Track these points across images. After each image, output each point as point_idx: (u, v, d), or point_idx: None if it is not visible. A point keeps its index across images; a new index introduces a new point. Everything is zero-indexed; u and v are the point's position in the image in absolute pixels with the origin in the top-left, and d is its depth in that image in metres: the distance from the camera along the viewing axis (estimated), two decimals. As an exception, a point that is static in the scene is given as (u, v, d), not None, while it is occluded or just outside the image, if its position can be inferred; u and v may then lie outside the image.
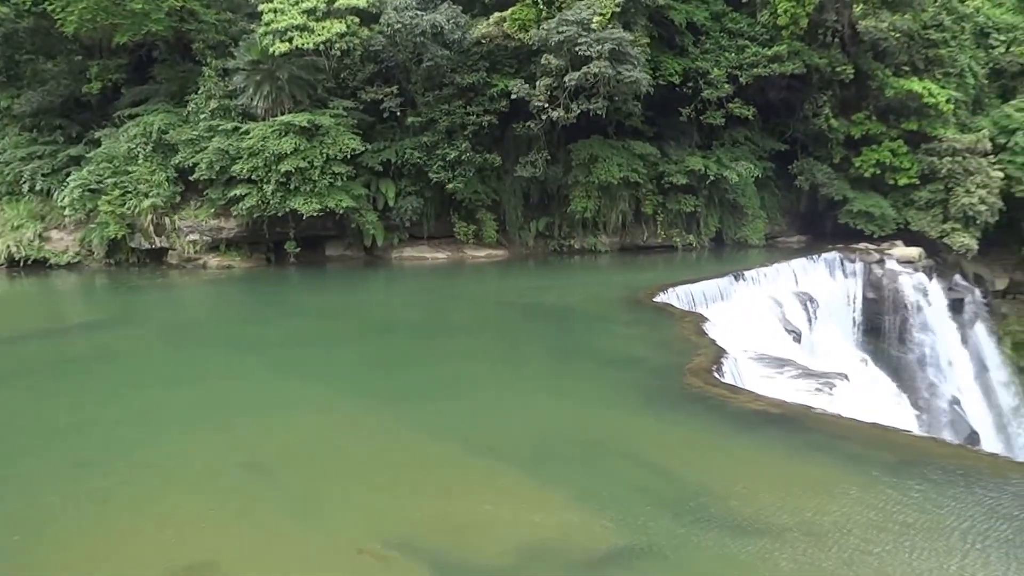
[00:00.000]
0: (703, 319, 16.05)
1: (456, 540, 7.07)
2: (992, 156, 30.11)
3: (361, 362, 15.00)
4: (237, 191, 27.40)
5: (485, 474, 8.74)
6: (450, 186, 28.65)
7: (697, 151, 30.88)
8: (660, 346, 14.50)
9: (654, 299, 18.42)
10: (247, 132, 27.55)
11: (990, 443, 26.32)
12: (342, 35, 27.65)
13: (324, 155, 27.19)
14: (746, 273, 22.06)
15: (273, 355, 15.33)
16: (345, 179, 27.68)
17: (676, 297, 18.80)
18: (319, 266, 29.35)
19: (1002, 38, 33.35)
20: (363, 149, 28.25)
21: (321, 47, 27.47)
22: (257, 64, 27.95)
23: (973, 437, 24.48)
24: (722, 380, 11.49)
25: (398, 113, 29.07)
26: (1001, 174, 29.83)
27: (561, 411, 11.38)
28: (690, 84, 30.04)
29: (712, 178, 29.71)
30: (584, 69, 26.31)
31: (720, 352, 12.91)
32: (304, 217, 27.30)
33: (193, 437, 10.16)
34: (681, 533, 7.06)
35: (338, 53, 28.16)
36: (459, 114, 28.74)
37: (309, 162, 26.95)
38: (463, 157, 28.47)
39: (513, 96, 28.04)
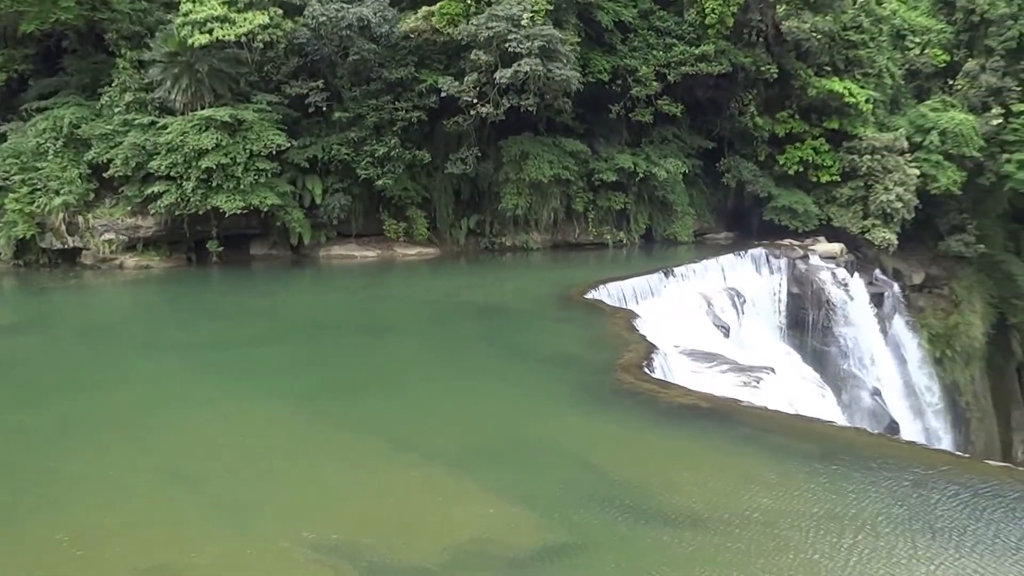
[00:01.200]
0: (634, 315, 16.13)
1: (385, 540, 6.92)
2: (909, 154, 31.13)
3: (287, 363, 14.66)
4: (155, 188, 26.39)
5: (415, 473, 8.60)
6: (379, 183, 28.17)
7: (627, 148, 31.10)
8: (592, 343, 14.57)
9: (585, 296, 18.47)
10: (165, 127, 26.55)
11: (909, 432, 27.26)
12: (265, 27, 26.89)
13: (247, 151, 26.40)
14: (675, 270, 22.30)
15: (195, 357, 14.86)
16: (270, 176, 26.93)
17: (607, 294, 18.87)
18: (243, 265, 28.53)
19: (917, 40, 34.53)
20: (288, 145, 27.53)
21: (243, 39, 26.65)
22: (175, 56, 26.95)
23: (893, 427, 25.27)
24: (653, 375, 11.56)
25: (324, 108, 28.44)
26: (917, 172, 30.86)
27: (493, 408, 11.35)
28: (619, 82, 30.23)
29: (641, 175, 29.95)
30: (515, 67, 26.19)
31: (651, 348, 12.98)
32: (227, 215, 26.46)
33: (110, 444, 9.75)
34: (613, 528, 7.07)
35: (261, 46, 27.39)
36: (387, 110, 28.27)
37: (232, 158, 26.13)
38: (392, 153, 28.02)
39: (442, 92, 27.73)
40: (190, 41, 26.07)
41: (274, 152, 26.96)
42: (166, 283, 25.87)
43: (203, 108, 26.90)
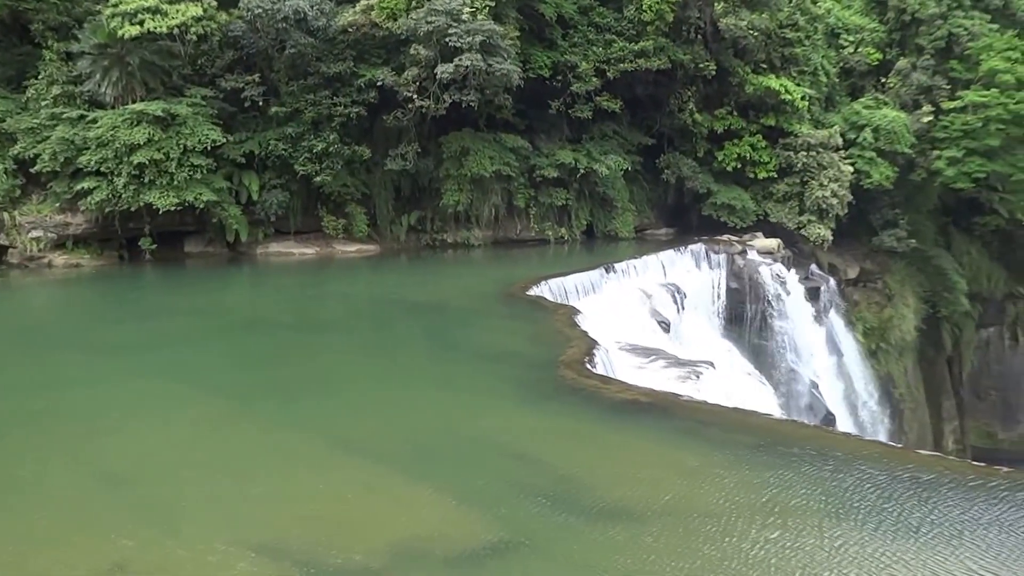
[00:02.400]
0: (575, 312, 16.15)
1: (325, 540, 6.83)
2: (843, 151, 31.83)
3: (224, 362, 14.38)
4: (85, 184, 25.49)
5: (357, 473, 8.50)
6: (317, 179, 27.70)
7: (568, 145, 31.16)
8: (534, 339, 14.58)
9: (527, 293, 18.43)
10: (95, 121, 25.66)
11: (845, 424, 27.90)
12: (198, 19, 26.13)
13: (181, 146, 25.67)
14: (616, 266, 22.40)
15: (128, 358, 14.41)
16: (205, 172, 26.22)
17: (549, 290, 18.86)
18: (178, 263, 27.78)
19: (851, 39, 35.33)
20: (224, 140, 26.86)
21: (175, 31, 25.88)
22: (104, 48, 26.07)
23: (829, 418, 25.85)
24: (594, 371, 11.57)
25: (261, 103, 27.84)
26: (851, 168, 31.58)
27: (436, 407, 11.26)
28: (559, 77, 30.27)
29: (582, 171, 30.04)
30: (456, 61, 26.00)
31: (592, 344, 13.00)
32: (160, 212, 25.69)
33: (40, 448, 9.39)
34: (557, 523, 7.12)
35: (194, 38, 26.63)
36: (326, 104, 27.81)
37: (165, 153, 25.39)
38: (331, 149, 27.57)
39: (381, 86, 27.39)
40: (120, 32, 25.25)
41: (209, 147, 26.27)
42: (97, 282, 25.07)
43: (135, 102, 26.08)
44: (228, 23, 27.34)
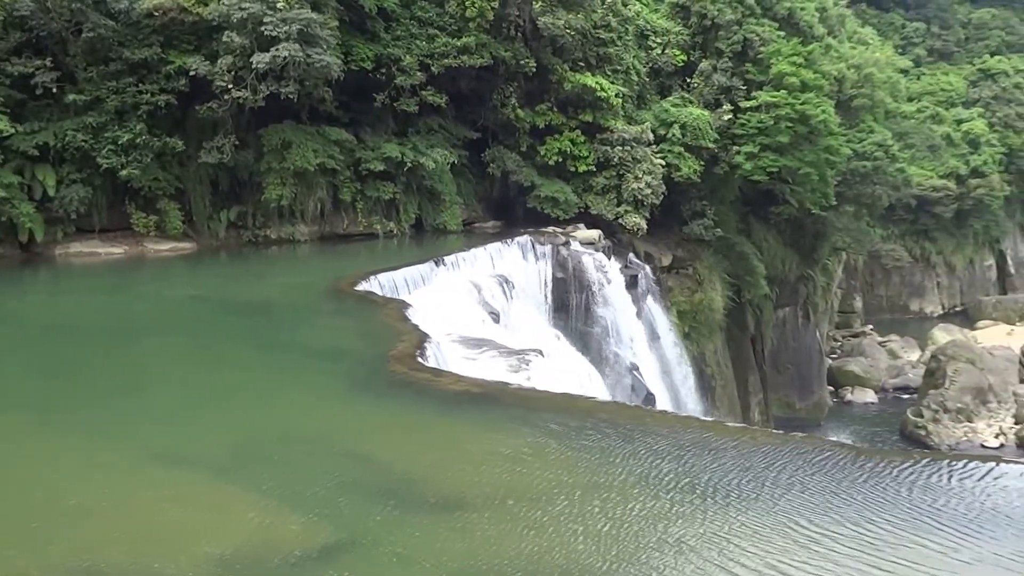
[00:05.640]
0: (406, 305, 16.11)
1: (143, 557, 6.38)
2: (655, 146, 33.64)
3: (21, 372, 13.11)
4: None
5: (177, 483, 8.02)
6: (124, 173, 25.79)
7: (394, 138, 30.88)
8: (364, 335, 14.43)
9: (356, 288, 18.14)
10: None
11: (664, 402, 29.59)
12: (-23, -4, 23.70)
13: (-39, 137, 23.19)
14: (446, 258, 22.53)
15: None
16: (-10, 165, 23.84)
17: (378, 285, 18.66)
18: (-40, 267, 25.06)
19: (659, 40, 37.32)
20: (12, 131, 24.44)
21: (-50, 9, 23.35)
22: None
23: (650, 398, 27.29)
24: (426, 364, 11.60)
25: (55, 90, 25.55)
26: (663, 162, 33.42)
27: (262, 409, 10.83)
28: (383, 70, 29.93)
29: (409, 165, 29.88)
30: (273, 51, 25.06)
31: (423, 337, 13.02)
32: (-63, 210, 23.11)
33: None
34: (390, 519, 7.07)
35: (-27, 17, 24.11)
36: (131, 92, 25.93)
37: (-60, 145, 22.86)
38: (138, 141, 25.74)
39: (193, 74, 25.95)
40: None
41: (-5, 139, 23.87)
42: None
43: (-99, 87, 23.27)
44: (14, 2, 24.87)
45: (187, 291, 21.85)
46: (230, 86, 25.80)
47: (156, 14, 26.24)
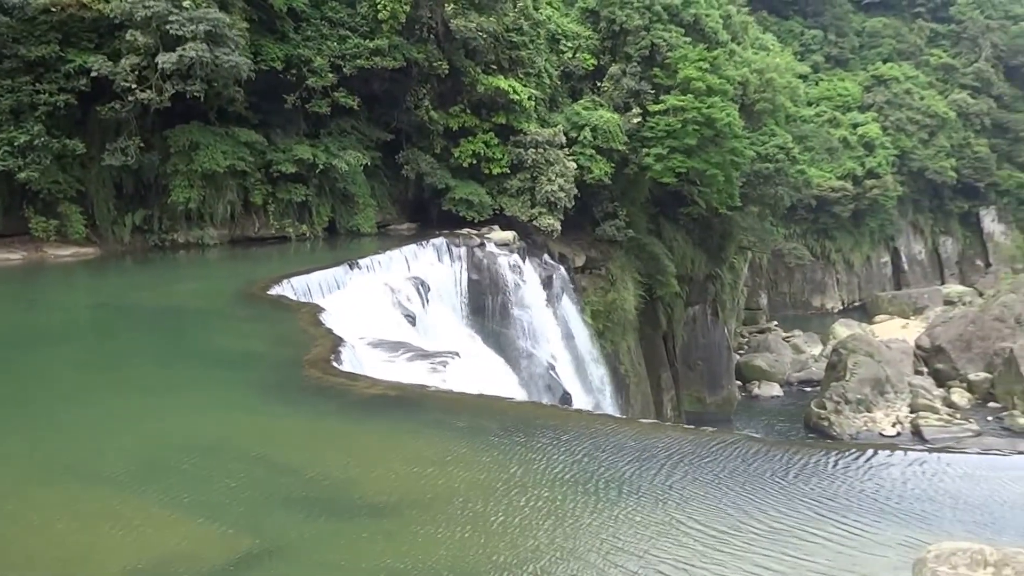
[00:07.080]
0: (320, 309, 15.96)
1: None
2: (567, 148, 34.18)
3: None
4: None
5: (79, 500, 7.74)
6: (21, 175, 24.65)
7: (305, 140, 30.47)
8: (277, 340, 14.21)
9: (268, 292, 17.87)
10: None
11: (580, 401, 30.13)
12: None
13: None
14: (360, 261, 22.39)
15: None
16: None
17: (291, 289, 18.43)
18: None
19: (570, 45, 37.91)
20: None
21: None
22: None
23: (566, 397, 27.77)
24: (341, 369, 11.55)
25: (-57, 88, 24.33)
26: (575, 164, 33.98)
27: (172, 420, 10.48)
28: (294, 71, 29.49)
29: (321, 167, 29.54)
30: (179, 51, 24.40)
31: (338, 341, 12.96)
32: None
33: None
34: (312, 526, 6.99)
35: None
36: (27, 92, 24.83)
37: None
38: (36, 142, 24.65)
39: (94, 74, 25.04)
40: None
41: None
42: None
43: None
44: None
45: (90, 298, 21.07)
46: (134, 86, 25.01)
47: (53, 10, 25.19)
